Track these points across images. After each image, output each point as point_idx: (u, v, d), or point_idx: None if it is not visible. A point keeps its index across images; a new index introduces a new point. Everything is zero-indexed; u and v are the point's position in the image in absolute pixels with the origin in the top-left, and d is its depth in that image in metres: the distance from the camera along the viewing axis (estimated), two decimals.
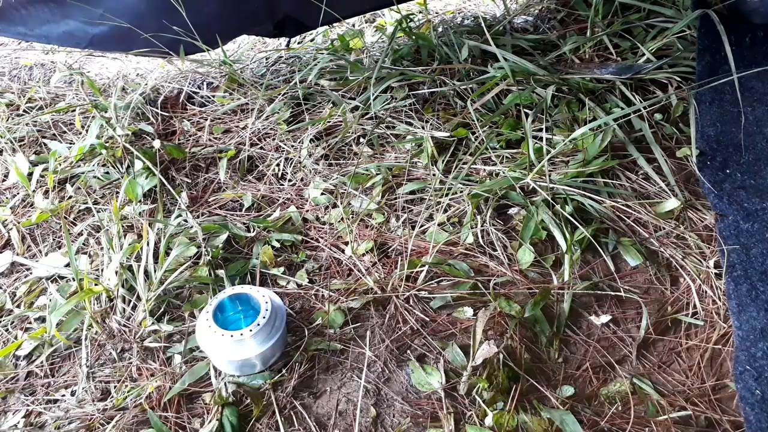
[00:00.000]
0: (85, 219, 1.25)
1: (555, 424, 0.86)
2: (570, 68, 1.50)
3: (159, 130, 1.48)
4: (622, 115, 1.28)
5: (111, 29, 1.43)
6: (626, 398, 0.90)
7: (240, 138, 1.43)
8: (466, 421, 0.87)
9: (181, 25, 1.46)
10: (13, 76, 1.77)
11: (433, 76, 1.50)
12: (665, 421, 0.87)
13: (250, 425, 0.90)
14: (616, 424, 0.87)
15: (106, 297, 1.06)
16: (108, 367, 0.98)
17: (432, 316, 1.02)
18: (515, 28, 1.77)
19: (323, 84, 1.57)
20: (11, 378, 0.99)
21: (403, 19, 1.65)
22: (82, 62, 1.82)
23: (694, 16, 1.39)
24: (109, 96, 1.51)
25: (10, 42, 1.95)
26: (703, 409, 0.88)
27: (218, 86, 1.62)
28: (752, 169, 1.18)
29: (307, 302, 1.07)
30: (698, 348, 0.97)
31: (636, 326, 1.01)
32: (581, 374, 0.94)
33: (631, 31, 1.57)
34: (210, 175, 1.37)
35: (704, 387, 0.91)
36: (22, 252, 1.21)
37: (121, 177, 1.32)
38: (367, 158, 1.35)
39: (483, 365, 0.91)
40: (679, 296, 1.04)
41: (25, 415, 0.93)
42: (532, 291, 1.04)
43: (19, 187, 1.36)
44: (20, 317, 1.07)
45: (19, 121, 1.53)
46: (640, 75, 1.42)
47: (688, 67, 1.41)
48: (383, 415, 0.90)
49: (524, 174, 1.20)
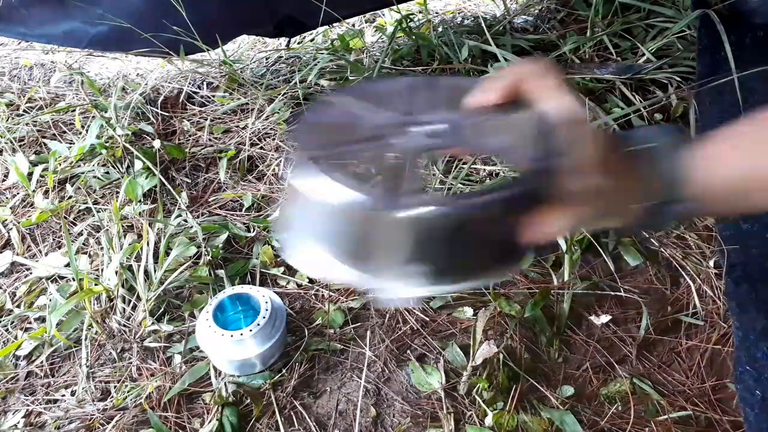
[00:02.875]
0: (85, 219, 1.25)
1: (555, 424, 0.86)
2: (570, 68, 1.50)
3: (159, 130, 1.48)
4: (622, 115, 1.28)
5: (111, 29, 1.43)
6: (626, 398, 0.90)
7: (240, 138, 1.43)
8: (466, 421, 0.87)
9: (181, 25, 1.45)
10: (13, 76, 1.77)
11: (433, 76, 1.50)
12: (665, 421, 0.87)
13: (250, 425, 0.90)
14: (616, 424, 0.87)
15: (106, 297, 1.06)
16: (108, 367, 0.98)
17: (432, 316, 1.02)
18: (515, 28, 1.77)
19: (323, 84, 1.56)
20: (11, 378, 0.99)
21: (403, 19, 1.65)
22: (82, 62, 1.82)
23: (694, 16, 1.39)
24: (109, 96, 1.51)
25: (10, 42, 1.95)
26: (703, 410, 0.88)
27: (218, 86, 1.62)
28: None
29: (307, 302, 1.07)
30: (698, 348, 0.97)
31: (636, 326, 1.01)
32: (581, 374, 0.94)
33: (631, 31, 1.57)
34: (210, 175, 1.37)
35: (704, 387, 0.91)
36: (22, 252, 1.21)
37: (121, 177, 1.32)
38: None
39: (483, 365, 0.91)
40: (679, 296, 1.04)
41: (25, 415, 0.93)
42: (532, 291, 1.04)
43: (19, 187, 1.36)
44: (20, 317, 1.07)
45: (19, 121, 1.53)
46: (640, 75, 1.42)
47: (688, 67, 1.40)
48: (383, 415, 0.90)
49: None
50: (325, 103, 0.69)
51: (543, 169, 0.55)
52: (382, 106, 0.66)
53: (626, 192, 0.54)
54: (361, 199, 0.51)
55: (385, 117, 0.64)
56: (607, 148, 0.52)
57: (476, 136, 0.59)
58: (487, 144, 0.59)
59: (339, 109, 0.67)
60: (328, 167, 0.55)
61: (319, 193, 0.52)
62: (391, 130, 0.61)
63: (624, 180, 0.53)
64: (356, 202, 0.51)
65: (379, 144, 0.60)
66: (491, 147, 0.61)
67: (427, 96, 0.69)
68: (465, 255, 0.56)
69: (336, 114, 0.66)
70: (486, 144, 0.59)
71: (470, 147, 0.60)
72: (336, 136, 0.63)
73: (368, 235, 0.56)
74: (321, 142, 0.61)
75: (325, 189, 0.52)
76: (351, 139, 0.61)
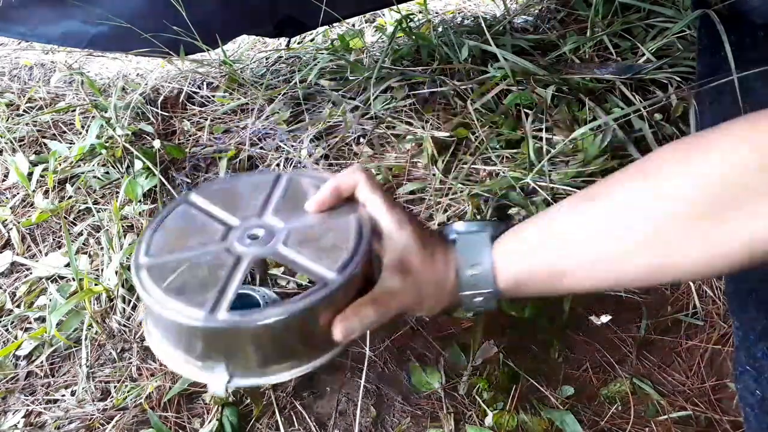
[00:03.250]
0: (85, 219, 1.25)
1: (555, 424, 0.86)
2: (570, 68, 1.50)
3: (159, 129, 1.48)
4: (622, 115, 1.28)
5: (111, 29, 1.43)
6: (626, 398, 0.90)
7: (240, 138, 1.43)
8: (466, 421, 0.87)
9: (181, 25, 1.45)
10: (13, 76, 1.77)
11: (433, 76, 1.50)
12: (665, 421, 0.87)
13: (250, 425, 0.90)
14: (616, 424, 0.87)
15: (106, 297, 1.06)
16: (108, 367, 0.98)
17: (432, 316, 1.02)
18: (515, 28, 1.77)
19: (323, 84, 1.57)
20: (11, 378, 0.99)
21: (403, 19, 1.65)
22: (82, 62, 1.82)
23: (694, 16, 1.39)
24: (109, 96, 1.51)
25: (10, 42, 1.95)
26: (703, 409, 0.88)
27: (218, 86, 1.62)
28: None
29: None
30: (698, 348, 0.97)
31: (636, 326, 1.01)
32: (581, 374, 0.94)
33: (631, 31, 1.57)
34: (210, 175, 1.37)
35: (704, 387, 0.92)
36: (22, 252, 1.21)
37: (121, 177, 1.32)
38: (367, 158, 1.35)
39: (483, 365, 0.91)
40: (679, 296, 1.04)
41: (25, 415, 0.93)
42: None
43: (19, 187, 1.36)
44: (20, 317, 1.07)
45: (19, 121, 1.53)
46: (640, 75, 1.42)
47: (688, 67, 1.40)
48: (383, 415, 0.90)
49: (524, 174, 1.20)
50: (184, 203, 0.81)
51: (350, 275, 0.67)
52: (232, 208, 0.80)
53: (438, 286, 0.60)
54: (189, 313, 0.65)
55: (231, 220, 0.77)
56: (425, 247, 0.59)
57: (294, 248, 0.71)
58: (294, 262, 0.70)
59: (193, 210, 0.79)
60: (170, 273, 0.70)
61: (159, 306, 0.66)
62: (233, 234, 0.75)
63: (437, 275, 0.60)
64: (187, 315, 0.65)
65: (218, 250, 0.73)
66: (299, 265, 0.72)
67: (274, 195, 0.81)
68: (283, 351, 0.69)
69: (190, 215, 0.79)
70: (294, 261, 0.70)
71: (284, 262, 0.71)
72: (184, 240, 0.76)
73: (196, 339, 0.69)
74: (170, 247, 0.74)
75: (163, 302, 0.66)
76: (196, 243, 0.74)
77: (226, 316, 0.67)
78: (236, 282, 0.71)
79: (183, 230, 0.78)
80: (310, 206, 0.66)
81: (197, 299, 0.68)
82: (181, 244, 0.76)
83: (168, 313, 0.68)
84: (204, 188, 0.86)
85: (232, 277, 0.71)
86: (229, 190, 0.85)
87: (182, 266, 0.73)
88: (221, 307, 0.67)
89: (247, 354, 0.72)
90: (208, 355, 0.73)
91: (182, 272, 0.72)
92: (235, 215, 0.79)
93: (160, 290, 0.70)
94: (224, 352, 0.72)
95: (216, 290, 0.69)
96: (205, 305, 0.67)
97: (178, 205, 0.82)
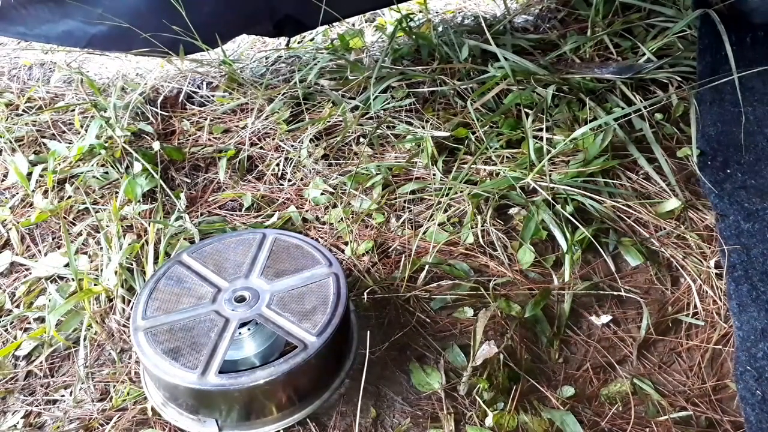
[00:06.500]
0: (84, 219, 1.25)
1: (555, 424, 0.86)
2: (570, 68, 1.50)
3: (158, 129, 1.48)
4: (623, 115, 1.28)
5: (110, 29, 1.43)
6: (627, 398, 0.90)
7: (240, 138, 1.43)
8: (466, 422, 0.87)
9: (180, 25, 1.45)
10: (13, 76, 1.77)
11: (433, 75, 1.50)
12: (666, 421, 0.86)
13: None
14: (616, 425, 0.86)
15: (105, 297, 1.06)
16: (107, 368, 0.98)
17: (432, 316, 1.02)
18: (515, 28, 1.77)
19: (323, 84, 1.56)
20: (10, 378, 0.98)
21: (403, 19, 1.65)
22: (81, 62, 1.82)
23: (694, 15, 1.39)
24: (109, 96, 1.51)
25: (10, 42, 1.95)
26: (703, 410, 0.88)
27: (218, 86, 1.61)
28: (753, 169, 1.18)
29: None
30: (699, 348, 0.97)
31: (636, 326, 1.01)
32: (581, 374, 0.94)
33: (632, 31, 1.57)
34: (210, 174, 1.36)
35: (705, 387, 0.91)
36: (21, 252, 1.21)
37: (120, 177, 1.32)
38: (367, 158, 1.35)
39: (483, 365, 0.90)
40: (679, 296, 1.04)
41: (25, 416, 0.93)
42: (532, 291, 1.04)
43: (18, 187, 1.36)
44: (20, 317, 1.07)
45: (19, 120, 1.53)
46: (640, 75, 1.42)
47: (688, 66, 1.40)
48: (383, 415, 0.90)
49: (524, 174, 1.19)
50: (177, 263, 0.92)
51: (328, 337, 0.82)
52: (220, 269, 0.92)
53: None
54: (183, 376, 0.78)
55: (220, 282, 0.89)
56: None
57: (277, 310, 0.86)
58: (277, 325, 0.84)
59: (185, 271, 0.91)
60: (165, 335, 0.83)
61: (156, 369, 0.80)
62: (221, 296, 0.87)
63: None
64: (180, 378, 0.78)
65: (208, 312, 0.85)
66: (281, 328, 0.84)
67: (260, 256, 0.93)
68: (269, 407, 0.83)
69: (182, 277, 0.90)
70: (277, 324, 0.84)
71: (267, 324, 0.85)
72: (177, 302, 0.87)
73: (189, 397, 0.81)
74: (165, 308, 0.86)
75: (159, 365, 0.80)
76: (188, 306, 0.86)
77: (215, 380, 0.78)
78: (225, 344, 0.81)
79: (176, 293, 0.88)
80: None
81: (190, 361, 0.79)
82: (174, 305, 0.86)
83: (164, 375, 0.79)
84: (195, 249, 0.97)
85: (222, 339, 0.81)
86: (219, 250, 0.95)
87: (176, 328, 0.83)
88: (211, 370, 0.78)
89: (236, 410, 0.82)
90: (200, 411, 0.83)
91: (176, 334, 0.83)
92: (223, 277, 0.90)
93: (156, 354, 0.80)
94: (215, 409, 0.82)
95: (206, 353, 0.79)
96: (197, 369, 0.78)
97: (171, 266, 0.92)
